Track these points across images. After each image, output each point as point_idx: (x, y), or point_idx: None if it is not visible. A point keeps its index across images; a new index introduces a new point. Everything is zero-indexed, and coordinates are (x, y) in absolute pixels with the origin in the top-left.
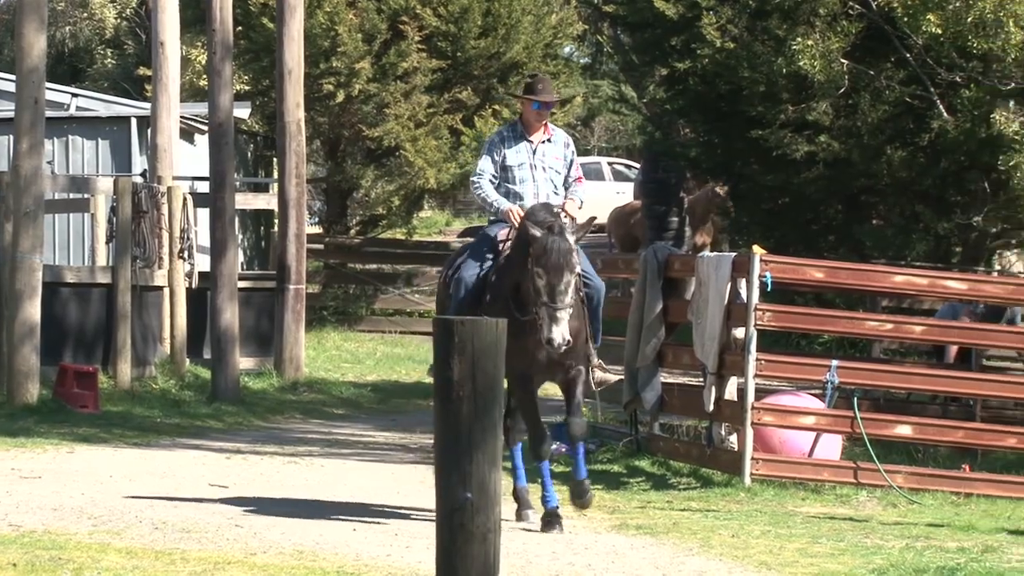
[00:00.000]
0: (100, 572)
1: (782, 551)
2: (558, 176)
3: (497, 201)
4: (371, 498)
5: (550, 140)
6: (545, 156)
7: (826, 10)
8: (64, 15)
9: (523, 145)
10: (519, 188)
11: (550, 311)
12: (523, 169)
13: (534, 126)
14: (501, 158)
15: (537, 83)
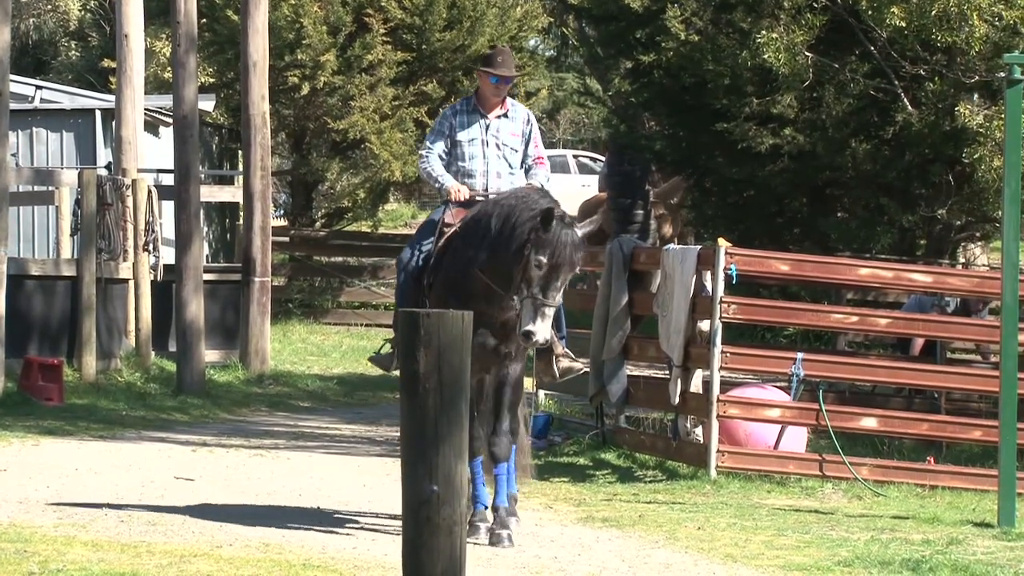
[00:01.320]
0: (66, 565)
1: (748, 543)
2: (514, 154)
3: (442, 177)
4: (337, 491)
5: (507, 115)
6: (500, 132)
7: (790, 3)
8: (28, 7)
9: (477, 120)
10: (468, 165)
11: (537, 304)
12: (474, 145)
13: (491, 101)
14: (451, 131)
15: (496, 55)
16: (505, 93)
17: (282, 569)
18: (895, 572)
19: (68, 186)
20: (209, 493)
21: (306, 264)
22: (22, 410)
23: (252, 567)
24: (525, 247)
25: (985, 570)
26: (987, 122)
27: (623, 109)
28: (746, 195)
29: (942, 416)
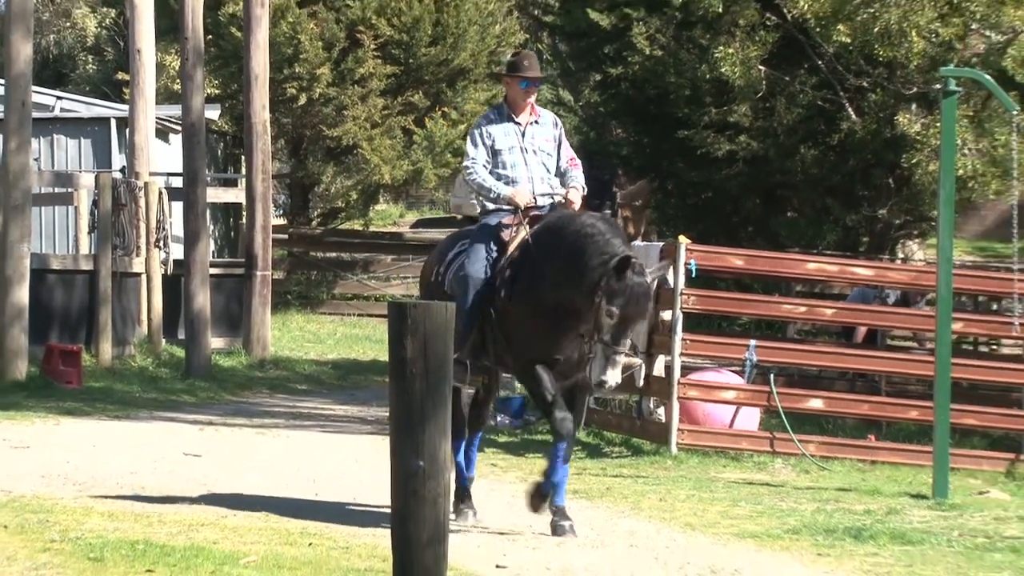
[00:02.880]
0: (84, 533)
1: (705, 513)
2: (550, 159)
3: (496, 187)
4: (332, 466)
5: (538, 122)
6: (535, 138)
7: (745, 21)
8: (49, 24)
9: (511, 127)
10: (511, 173)
11: (609, 352)
12: (513, 153)
13: (521, 106)
14: (491, 142)
15: (523, 59)
16: (534, 95)
17: (281, 536)
18: (839, 539)
19: (86, 188)
20: (215, 468)
21: (303, 259)
22: (44, 392)
23: (254, 535)
24: (596, 292)
25: (920, 537)
26: (924, 130)
27: (592, 118)
28: (704, 197)
29: (882, 398)
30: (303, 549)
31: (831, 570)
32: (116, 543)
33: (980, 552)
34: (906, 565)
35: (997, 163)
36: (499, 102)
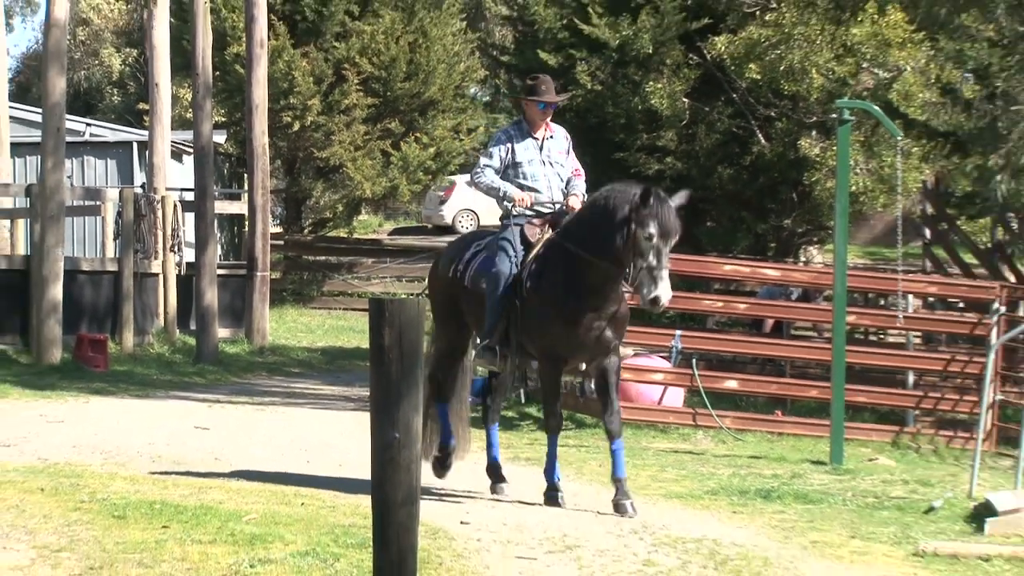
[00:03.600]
0: (109, 495)
1: (638, 477)
2: (563, 169)
3: (504, 186)
4: (320, 437)
5: (552, 136)
6: (551, 151)
7: (672, 60)
8: (80, 62)
9: (530, 142)
10: (532, 183)
11: (655, 272)
12: (534, 165)
13: (538, 124)
14: (510, 155)
15: (540, 84)
16: (550, 115)
17: (278, 497)
18: (751, 499)
19: (111, 201)
20: (221, 440)
21: (297, 262)
22: (75, 375)
23: (255, 496)
24: (629, 226)
25: (820, 497)
26: (822, 153)
27: None
28: None
29: (787, 379)
30: (296, 508)
31: (744, 525)
32: (137, 503)
33: (870, 510)
34: (808, 521)
35: (884, 180)
36: (518, 119)
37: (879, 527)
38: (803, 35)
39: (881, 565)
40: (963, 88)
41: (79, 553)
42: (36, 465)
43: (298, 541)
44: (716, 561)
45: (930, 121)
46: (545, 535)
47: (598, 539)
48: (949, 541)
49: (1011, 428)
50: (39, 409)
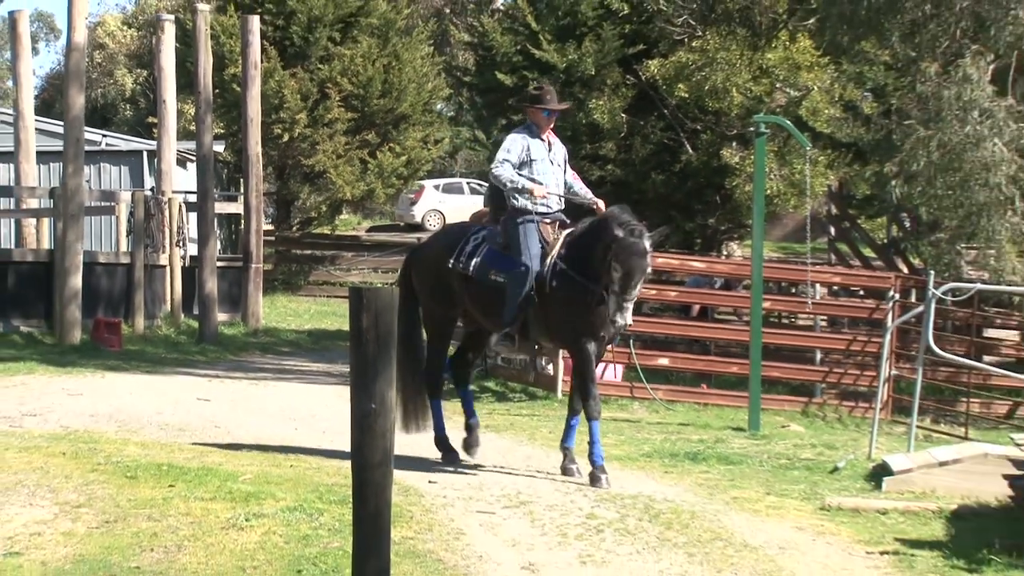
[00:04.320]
0: (123, 458)
1: (582, 442)
2: (559, 170)
3: (519, 180)
4: (307, 408)
5: (554, 143)
6: (555, 154)
7: (611, 81)
8: (97, 81)
9: (540, 143)
10: (542, 179)
11: (619, 299)
12: (543, 163)
13: (544, 128)
14: (527, 152)
15: (545, 94)
16: (554, 122)
17: (270, 460)
18: (680, 461)
19: (124, 203)
20: (221, 409)
21: (286, 255)
22: (93, 354)
23: (249, 458)
24: (608, 254)
25: (740, 459)
26: (741, 161)
27: None
28: None
29: (711, 357)
30: (286, 469)
31: (675, 483)
32: (147, 465)
33: (783, 470)
34: (729, 480)
35: (795, 185)
36: (528, 123)
37: (791, 485)
38: (725, 59)
39: (792, 518)
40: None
41: (96, 508)
42: (58, 432)
43: (287, 498)
44: (650, 514)
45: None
46: (502, 492)
47: (548, 496)
48: (851, 497)
49: (904, 399)
50: (61, 383)
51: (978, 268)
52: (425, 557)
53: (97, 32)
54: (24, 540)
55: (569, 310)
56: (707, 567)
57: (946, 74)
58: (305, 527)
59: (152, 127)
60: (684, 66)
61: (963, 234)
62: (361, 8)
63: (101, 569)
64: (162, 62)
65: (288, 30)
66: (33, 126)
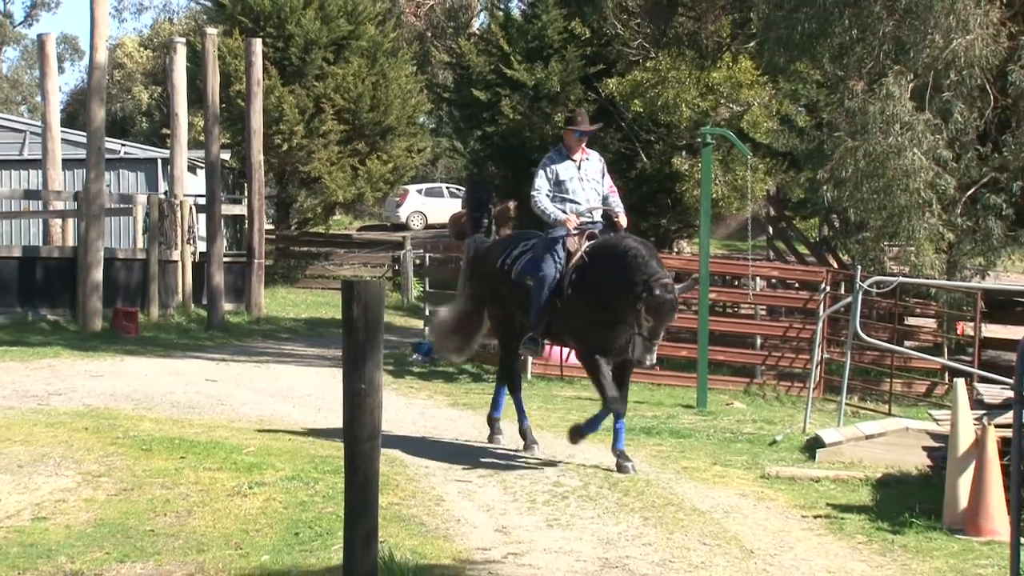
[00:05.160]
0: (139, 433)
1: (549, 417)
2: (599, 185)
3: (554, 212)
4: (303, 388)
5: (588, 159)
6: (587, 171)
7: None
8: (116, 96)
9: (569, 164)
10: (572, 196)
11: (647, 342)
12: (573, 182)
13: (575, 148)
14: (554, 175)
15: (577, 116)
16: (585, 142)
17: (270, 434)
18: (636, 435)
19: (141, 205)
20: (226, 389)
21: (286, 252)
22: (112, 339)
23: (252, 433)
24: (638, 303)
25: (689, 433)
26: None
27: (476, 159)
28: None
29: (664, 342)
30: (285, 442)
31: (631, 455)
32: (160, 439)
33: (728, 443)
34: (680, 451)
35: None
36: (559, 147)
37: (734, 456)
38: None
39: (736, 485)
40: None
41: (115, 478)
42: (81, 410)
43: (286, 468)
44: (610, 483)
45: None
46: (478, 463)
47: (520, 467)
48: (788, 467)
49: (835, 379)
50: (84, 366)
51: (900, 263)
52: (409, 521)
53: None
54: (50, 506)
55: (583, 320)
56: (660, 529)
57: (871, 91)
58: (302, 494)
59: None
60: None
61: (886, 233)
62: (352, 32)
63: (119, 532)
64: (174, 80)
65: (287, 51)
66: (59, 137)
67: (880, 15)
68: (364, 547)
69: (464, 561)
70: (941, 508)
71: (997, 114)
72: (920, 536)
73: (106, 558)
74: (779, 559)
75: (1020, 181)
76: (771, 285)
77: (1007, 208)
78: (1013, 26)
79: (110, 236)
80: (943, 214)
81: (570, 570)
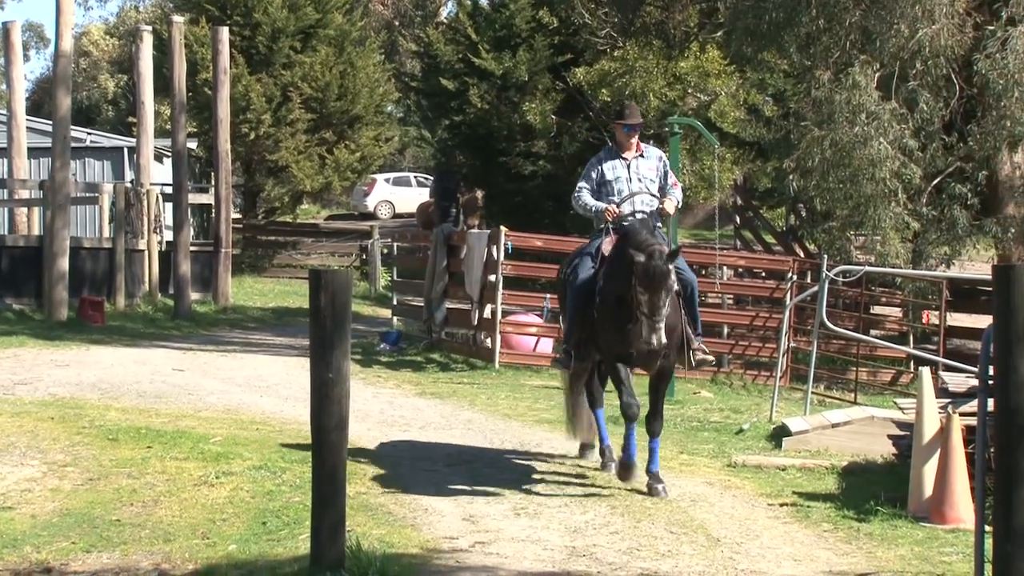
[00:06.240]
0: (106, 422)
1: (517, 407)
2: (653, 184)
3: (594, 204)
4: (270, 377)
5: (642, 156)
6: (639, 169)
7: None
8: (82, 84)
9: (618, 162)
10: (617, 199)
11: (650, 321)
12: (620, 182)
13: (625, 145)
14: (599, 176)
15: (624, 109)
16: (635, 136)
17: (238, 424)
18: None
19: (107, 194)
20: (193, 379)
21: (253, 241)
22: (78, 329)
23: (219, 423)
24: (632, 277)
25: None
26: None
27: (444, 148)
28: (516, 200)
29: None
30: (252, 432)
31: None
32: (127, 428)
33: (695, 431)
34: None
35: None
36: (609, 145)
37: (701, 444)
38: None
39: (703, 474)
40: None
41: (81, 468)
42: (47, 399)
43: (253, 458)
44: (577, 471)
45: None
46: (446, 453)
47: (487, 456)
48: (755, 455)
49: (801, 368)
50: (50, 355)
51: (866, 252)
52: (377, 510)
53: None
54: (16, 496)
55: (606, 324)
56: (627, 517)
57: (837, 81)
58: (269, 484)
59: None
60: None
61: (852, 222)
62: (319, 21)
63: (85, 522)
64: (141, 68)
65: (254, 40)
66: (24, 125)
67: (847, 5)
68: (331, 536)
69: (432, 550)
70: (906, 496)
71: (962, 104)
72: (885, 524)
73: (72, 548)
74: (745, 547)
75: (985, 171)
76: (738, 274)
77: (972, 197)
78: (979, 16)
79: (76, 225)
80: (909, 203)
81: (537, 559)
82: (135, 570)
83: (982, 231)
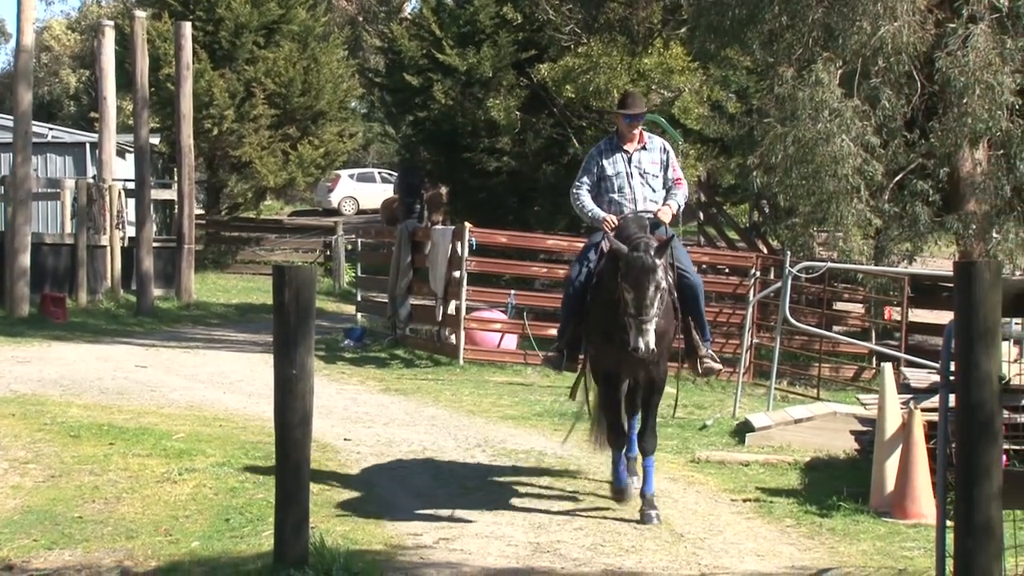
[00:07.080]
0: (67, 419)
1: (481, 403)
2: (656, 179)
3: (592, 211)
4: (234, 374)
5: (645, 148)
6: (641, 162)
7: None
8: (43, 79)
9: (619, 155)
10: (618, 196)
11: (636, 322)
12: (620, 177)
13: (627, 136)
14: (599, 170)
15: (627, 98)
16: (638, 127)
17: (201, 421)
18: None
19: (69, 189)
20: (156, 375)
21: (216, 236)
22: (40, 325)
23: (182, 420)
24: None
25: None
26: None
27: (408, 144)
28: (481, 196)
29: None
30: (215, 429)
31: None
32: (89, 425)
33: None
34: None
35: None
36: (611, 136)
37: (665, 440)
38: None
39: (666, 469)
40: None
41: (43, 464)
42: (8, 396)
43: (217, 454)
44: (541, 468)
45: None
46: (410, 449)
47: (450, 452)
48: (718, 451)
49: (764, 364)
50: (11, 352)
51: (828, 249)
52: (341, 506)
53: (44, 35)
54: None
55: (594, 330)
56: (591, 513)
57: (800, 78)
58: (232, 480)
59: (94, 121)
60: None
61: (815, 219)
62: (283, 16)
63: (47, 519)
64: (103, 63)
65: (217, 35)
66: None
67: (809, 2)
68: (295, 533)
69: (396, 546)
70: (868, 491)
71: (924, 101)
72: (847, 519)
73: (34, 545)
74: (708, 543)
75: (947, 167)
76: (701, 270)
77: (934, 194)
78: (940, 13)
79: (37, 221)
80: (871, 200)
81: (501, 555)
82: (97, 567)
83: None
